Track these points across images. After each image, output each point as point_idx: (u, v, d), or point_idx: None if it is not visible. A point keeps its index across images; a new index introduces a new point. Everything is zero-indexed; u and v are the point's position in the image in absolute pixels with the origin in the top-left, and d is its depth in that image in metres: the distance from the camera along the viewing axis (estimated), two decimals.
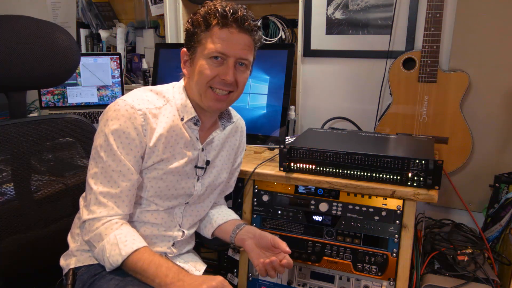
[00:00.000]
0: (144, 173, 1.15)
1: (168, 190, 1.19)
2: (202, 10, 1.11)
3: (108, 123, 1.09)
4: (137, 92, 1.16)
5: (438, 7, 1.71)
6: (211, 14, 1.08)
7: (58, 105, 2.27)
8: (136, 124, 1.09)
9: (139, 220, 1.19)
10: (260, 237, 1.22)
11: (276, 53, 1.88)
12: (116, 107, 1.10)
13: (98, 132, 1.12)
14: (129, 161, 1.10)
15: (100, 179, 1.10)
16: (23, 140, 1.20)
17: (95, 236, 1.08)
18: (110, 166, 1.09)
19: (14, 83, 1.17)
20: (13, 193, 1.22)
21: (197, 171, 1.23)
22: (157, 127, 1.12)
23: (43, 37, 1.18)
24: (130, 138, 1.09)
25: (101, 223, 1.08)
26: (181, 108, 1.16)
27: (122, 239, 1.06)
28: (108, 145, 1.09)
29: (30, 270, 1.29)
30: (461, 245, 1.63)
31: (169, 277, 1.01)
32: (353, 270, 1.48)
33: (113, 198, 1.10)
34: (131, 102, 1.10)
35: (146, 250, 1.08)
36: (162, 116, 1.14)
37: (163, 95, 1.17)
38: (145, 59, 2.47)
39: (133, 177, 1.11)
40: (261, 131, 1.86)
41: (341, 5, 2.01)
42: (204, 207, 1.33)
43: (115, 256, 1.05)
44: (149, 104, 1.13)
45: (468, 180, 1.89)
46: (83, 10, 2.59)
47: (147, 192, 1.17)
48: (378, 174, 1.40)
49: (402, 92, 1.87)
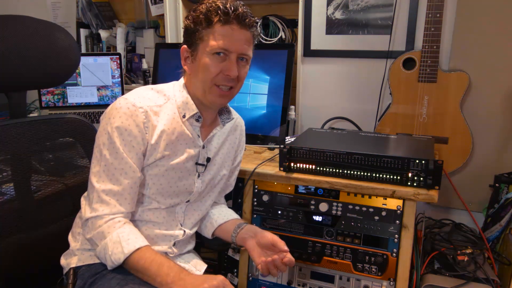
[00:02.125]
0: (146, 170, 1.16)
1: (170, 187, 1.19)
2: (203, 7, 1.11)
3: (110, 121, 1.10)
4: (138, 91, 1.17)
5: (438, 7, 1.71)
6: (213, 11, 1.09)
7: (58, 105, 2.27)
8: (138, 122, 1.10)
9: (140, 219, 1.20)
10: (260, 236, 1.23)
11: (276, 53, 1.88)
12: (118, 106, 1.11)
13: (100, 131, 1.13)
14: (131, 159, 1.10)
15: (102, 177, 1.10)
16: (23, 140, 1.20)
17: (98, 234, 1.08)
18: (113, 164, 1.10)
19: (14, 83, 1.17)
20: (13, 193, 1.21)
21: (197, 168, 1.24)
22: (158, 124, 1.13)
23: (43, 37, 1.18)
24: (132, 135, 1.10)
25: (103, 221, 1.08)
26: (182, 105, 1.17)
27: (125, 237, 1.07)
28: (110, 143, 1.09)
29: (30, 270, 1.29)
30: (461, 245, 1.63)
31: (170, 276, 1.01)
32: (353, 270, 1.48)
33: (115, 196, 1.10)
34: (133, 100, 1.11)
35: (148, 249, 1.08)
36: (163, 113, 1.15)
37: (163, 93, 1.18)
38: (145, 59, 2.47)
39: (135, 175, 1.12)
40: (261, 131, 1.86)
41: (341, 5, 2.01)
42: (205, 206, 1.33)
43: (117, 254, 1.05)
44: (150, 102, 1.14)
45: (468, 180, 1.89)
46: (83, 10, 2.59)
47: (148, 190, 1.17)
48: (378, 174, 1.40)
49: (402, 92, 1.87)
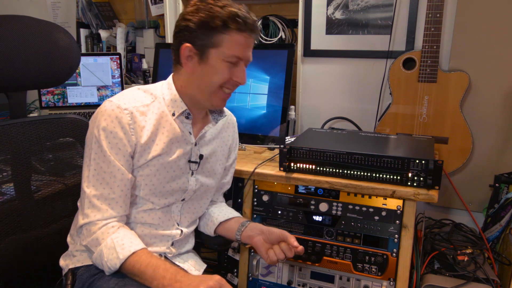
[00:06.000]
0: (137, 171, 1.15)
1: (163, 187, 1.19)
2: (217, 9, 1.08)
3: (96, 124, 1.10)
4: (125, 92, 1.16)
5: (438, 7, 1.71)
6: (230, 17, 1.07)
7: (58, 105, 2.27)
8: (123, 124, 1.09)
9: (136, 221, 1.19)
10: (268, 233, 1.23)
11: (276, 53, 1.88)
12: (103, 109, 1.10)
13: (87, 136, 1.13)
14: (119, 161, 1.10)
15: (92, 182, 1.10)
16: (23, 140, 1.20)
17: (92, 241, 1.09)
18: (102, 168, 1.09)
19: (15, 83, 1.17)
20: (13, 193, 1.22)
21: (191, 166, 1.23)
22: (146, 124, 1.13)
23: (43, 37, 1.18)
24: (117, 137, 1.09)
25: (97, 227, 1.08)
26: (170, 103, 1.16)
27: (119, 242, 1.06)
28: (98, 147, 1.09)
29: (30, 270, 1.29)
30: (461, 245, 1.63)
31: (166, 278, 1.01)
32: (353, 270, 1.48)
33: (106, 200, 1.10)
34: (117, 102, 1.10)
35: (144, 252, 1.07)
36: (151, 113, 1.14)
37: (150, 92, 1.17)
38: (145, 59, 2.47)
39: (125, 177, 1.11)
40: (261, 131, 1.86)
41: (341, 5, 2.01)
42: (202, 204, 1.33)
43: (113, 260, 1.05)
44: (136, 102, 1.13)
45: (468, 180, 1.89)
46: (83, 10, 2.59)
47: (141, 191, 1.16)
48: (378, 174, 1.40)
49: (402, 92, 1.87)
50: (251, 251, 1.62)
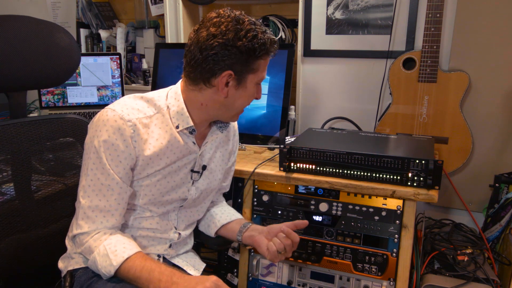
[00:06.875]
0: (137, 182, 1.13)
1: (162, 197, 1.17)
2: (260, 36, 1.06)
3: (97, 134, 1.07)
4: (127, 100, 1.12)
5: (438, 7, 1.71)
6: (270, 45, 1.09)
7: (58, 105, 2.27)
8: (125, 136, 1.06)
9: (133, 226, 1.18)
10: (269, 230, 1.23)
11: (276, 53, 1.87)
12: (105, 118, 1.06)
13: (87, 143, 1.10)
14: (118, 174, 1.07)
15: (88, 192, 1.08)
16: (23, 140, 1.20)
17: (85, 249, 1.09)
18: (99, 180, 1.07)
19: (15, 83, 1.17)
20: (13, 193, 1.21)
21: (192, 176, 1.22)
22: (149, 137, 1.10)
23: (43, 37, 1.17)
24: (119, 150, 1.06)
25: (90, 236, 1.08)
26: (176, 115, 1.12)
27: (112, 249, 1.05)
28: (97, 158, 1.07)
29: (30, 270, 1.29)
30: (461, 245, 1.63)
31: (162, 281, 1.00)
32: (353, 270, 1.48)
33: (102, 212, 1.09)
34: (120, 113, 1.06)
35: (138, 256, 1.06)
36: (154, 126, 1.11)
37: (154, 103, 1.13)
38: (145, 59, 2.47)
39: (123, 190, 1.09)
40: (261, 131, 1.86)
41: (341, 5, 2.01)
42: (200, 210, 1.33)
43: (107, 267, 1.04)
44: (139, 113, 1.09)
45: (468, 180, 1.89)
46: (83, 10, 2.59)
47: (140, 200, 1.15)
48: (378, 174, 1.40)
49: (402, 92, 1.87)
50: (251, 251, 1.62)
